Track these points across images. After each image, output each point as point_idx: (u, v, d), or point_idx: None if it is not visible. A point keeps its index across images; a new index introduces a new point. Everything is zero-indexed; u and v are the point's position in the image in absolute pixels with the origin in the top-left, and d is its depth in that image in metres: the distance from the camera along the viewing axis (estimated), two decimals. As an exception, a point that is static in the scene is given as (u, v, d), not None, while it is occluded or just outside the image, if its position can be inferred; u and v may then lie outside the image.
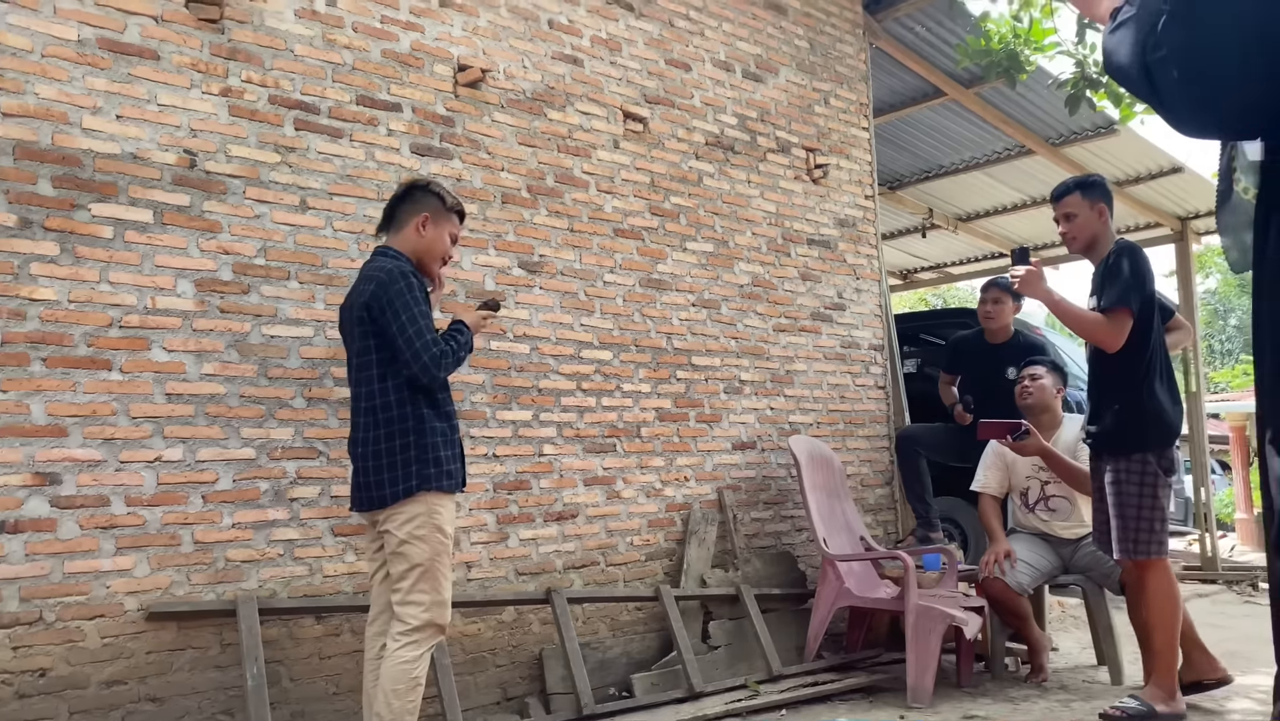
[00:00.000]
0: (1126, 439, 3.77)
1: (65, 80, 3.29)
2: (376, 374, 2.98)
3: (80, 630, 3.16)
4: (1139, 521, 3.74)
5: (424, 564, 2.93)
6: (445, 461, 2.99)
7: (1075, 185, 3.97)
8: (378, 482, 2.96)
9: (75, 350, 3.23)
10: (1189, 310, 9.05)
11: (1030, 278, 3.87)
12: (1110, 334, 3.74)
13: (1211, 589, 7.95)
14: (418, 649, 2.93)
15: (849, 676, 4.60)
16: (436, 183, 3.23)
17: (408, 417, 2.95)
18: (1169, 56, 1.25)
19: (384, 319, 2.94)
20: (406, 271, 3.00)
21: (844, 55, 6.14)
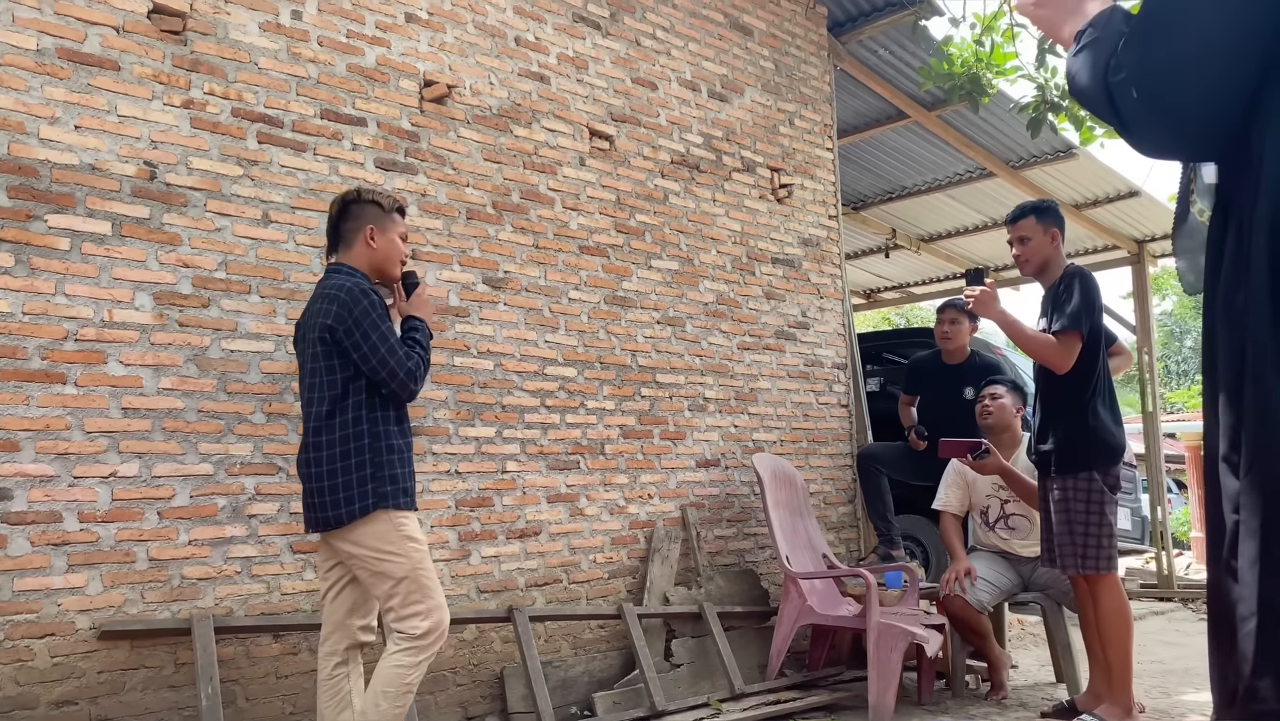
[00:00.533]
0: (1073, 458, 3.86)
1: (23, 89, 3.24)
2: (338, 392, 2.91)
3: (30, 649, 3.09)
4: (1087, 537, 3.83)
5: (408, 575, 2.89)
6: (401, 479, 2.95)
7: (1030, 210, 4.08)
8: (333, 502, 2.88)
9: (29, 363, 3.17)
10: (1145, 331, 9.22)
11: (984, 298, 3.96)
12: (1061, 355, 3.84)
13: (1167, 606, 8.06)
14: (417, 655, 2.89)
15: (811, 694, 4.60)
16: (368, 189, 3.17)
17: (364, 435, 2.90)
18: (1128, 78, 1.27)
19: (350, 340, 2.88)
20: (367, 290, 2.95)
21: (809, 77, 6.21)
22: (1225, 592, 1.30)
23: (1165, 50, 1.24)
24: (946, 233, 9.56)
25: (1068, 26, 1.44)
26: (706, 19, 5.59)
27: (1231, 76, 1.22)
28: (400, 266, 3.16)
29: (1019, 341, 3.99)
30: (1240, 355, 1.26)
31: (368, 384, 2.93)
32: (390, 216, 3.11)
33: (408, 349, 2.98)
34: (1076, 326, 3.82)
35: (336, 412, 2.91)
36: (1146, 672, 5.23)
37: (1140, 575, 9.29)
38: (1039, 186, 8.05)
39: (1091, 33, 1.36)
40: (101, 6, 3.43)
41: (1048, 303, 4.00)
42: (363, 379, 2.92)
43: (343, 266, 3.08)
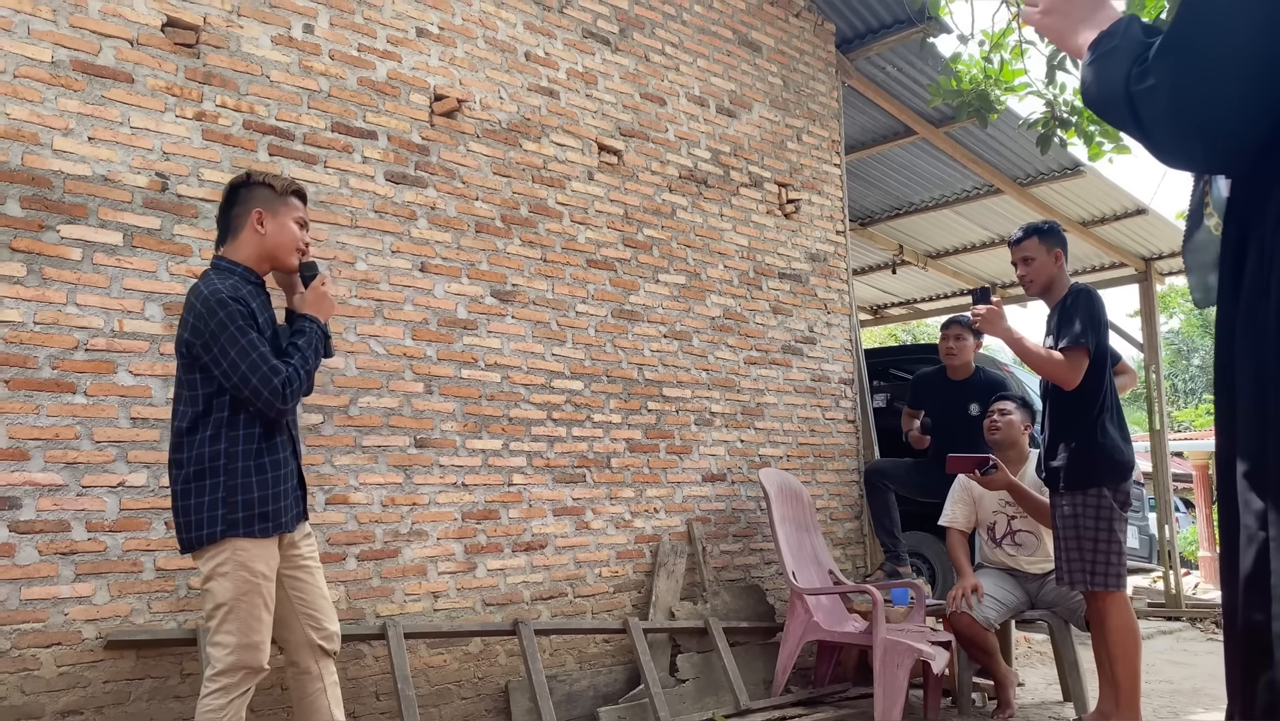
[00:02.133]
0: (1082, 474, 3.88)
1: (37, 101, 3.27)
2: (199, 409, 2.70)
3: (36, 658, 3.09)
4: (1095, 554, 3.83)
5: (228, 602, 2.66)
6: (259, 503, 2.71)
7: (1033, 230, 4.13)
8: (184, 524, 2.70)
9: (39, 373, 3.19)
10: (1152, 349, 9.20)
11: (991, 316, 4.01)
12: (1068, 372, 3.86)
13: (1175, 626, 8.02)
14: (224, 695, 2.65)
15: (817, 710, 4.58)
16: (259, 172, 2.94)
17: (220, 455, 2.68)
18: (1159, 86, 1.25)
19: (209, 355, 2.66)
20: (226, 298, 2.67)
21: (816, 93, 6.23)
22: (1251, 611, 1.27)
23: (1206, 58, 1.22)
24: (953, 249, 9.57)
25: (1078, 36, 1.43)
26: (715, 35, 5.62)
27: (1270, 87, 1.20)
28: (298, 256, 2.89)
29: (1026, 359, 4.01)
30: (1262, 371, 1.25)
31: (232, 400, 2.71)
32: (284, 199, 2.85)
33: (281, 360, 2.74)
34: (1083, 343, 3.85)
35: (197, 429, 2.69)
36: (1155, 692, 5.19)
37: (1148, 594, 9.24)
38: (1046, 204, 8.06)
39: (1109, 41, 1.35)
40: (116, 20, 3.46)
41: (1053, 321, 4.04)
42: (227, 394, 2.70)
43: (221, 261, 2.82)
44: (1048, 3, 1.48)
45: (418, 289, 4.15)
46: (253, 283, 2.84)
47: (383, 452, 3.96)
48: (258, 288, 2.86)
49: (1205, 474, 14.64)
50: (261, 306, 2.84)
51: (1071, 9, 1.45)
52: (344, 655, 3.78)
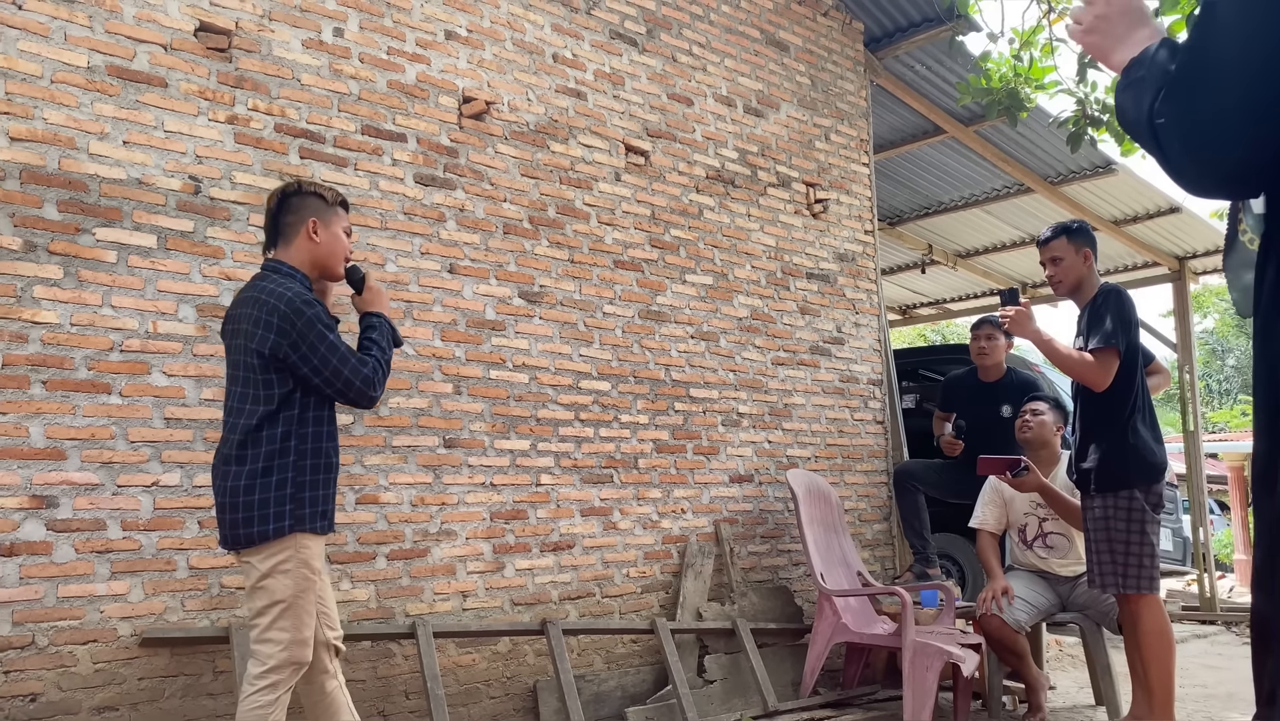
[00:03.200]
0: (1113, 476, 3.85)
1: (74, 106, 3.32)
2: (272, 408, 2.73)
3: (73, 655, 3.14)
4: (1128, 556, 3.81)
5: (287, 600, 2.71)
6: (322, 501, 2.80)
7: (1062, 230, 4.09)
8: (245, 519, 2.71)
9: (76, 373, 3.24)
10: (1186, 349, 9.08)
11: (1020, 318, 3.97)
12: (1099, 373, 3.84)
13: (1210, 629, 7.91)
14: (272, 691, 2.68)
15: (845, 713, 4.56)
16: (309, 181, 3.01)
17: (290, 452, 2.74)
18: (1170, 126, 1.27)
19: (298, 354, 2.72)
20: (308, 299, 2.77)
21: (845, 92, 6.20)
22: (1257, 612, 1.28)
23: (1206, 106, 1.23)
24: (983, 248, 9.49)
25: (1117, 54, 1.44)
26: (743, 35, 5.61)
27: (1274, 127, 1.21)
28: (344, 263, 2.98)
29: (1055, 360, 3.99)
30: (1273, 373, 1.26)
31: (302, 398, 2.77)
32: (334, 209, 2.94)
33: (362, 355, 2.84)
34: (1113, 344, 3.82)
35: (265, 426, 2.73)
36: (1189, 696, 5.13)
37: (1182, 597, 9.12)
38: (1078, 202, 7.98)
39: (1137, 70, 1.36)
40: (150, 25, 3.51)
41: (1083, 322, 4.01)
42: (298, 392, 2.76)
43: (281, 265, 2.88)
44: (1090, 21, 1.49)
45: (446, 290, 4.17)
46: (310, 289, 2.91)
47: (412, 453, 3.99)
48: (319, 301, 2.91)
49: (1240, 475, 14.44)
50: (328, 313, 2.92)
51: (1112, 28, 1.46)
52: (374, 654, 3.81)
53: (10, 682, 3.01)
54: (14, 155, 3.19)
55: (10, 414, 3.10)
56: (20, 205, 3.18)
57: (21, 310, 3.16)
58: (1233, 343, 31.27)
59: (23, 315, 3.16)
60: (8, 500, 3.07)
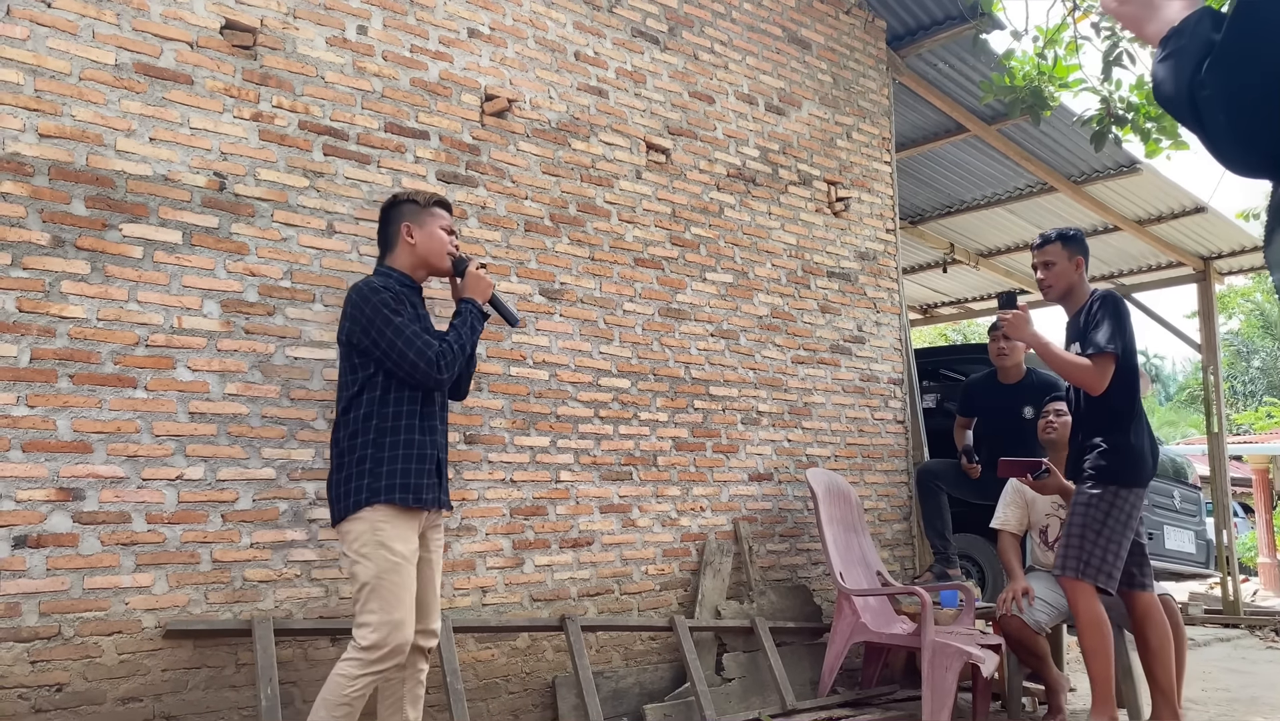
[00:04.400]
0: (1107, 471, 3.90)
1: (101, 103, 3.36)
2: (354, 391, 2.99)
3: (98, 646, 3.17)
4: (1095, 546, 3.84)
5: (370, 581, 2.86)
6: (403, 475, 2.93)
7: (1057, 236, 4.14)
8: (334, 496, 2.98)
9: (102, 368, 3.28)
10: (1210, 350, 9.00)
11: (1018, 321, 4.01)
12: (1096, 377, 3.87)
13: (1233, 633, 7.84)
14: (360, 668, 2.83)
15: (864, 712, 4.56)
16: (403, 191, 3.25)
17: (370, 430, 2.95)
18: (1214, 97, 1.23)
19: (369, 339, 2.95)
20: (377, 286, 3.01)
21: (867, 90, 6.19)
22: None
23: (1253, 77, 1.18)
24: (1005, 248, 9.44)
25: (1152, 25, 1.39)
26: (765, 33, 5.60)
27: None
28: (447, 258, 3.19)
29: (1053, 365, 4.04)
30: None
31: (385, 380, 2.97)
32: (427, 210, 3.16)
33: (430, 339, 3.00)
34: (1110, 349, 3.86)
35: (351, 409, 2.98)
36: (1211, 701, 5.09)
37: (1204, 600, 9.05)
38: (1102, 202, 7.92)
39: (1176, 41, 1.31)
40: (176, 23, 3.54)
41: (1075, 328, 4.05)
42: (380, 375, 2.97)
43: (380, 267, 3.18)
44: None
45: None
46: (408, 286, 3.14)
47: (433, 449, 4.00)
48: (413, 290, 3.16)
49: (1265, 478, 14.30)
50: (416, 306, 3.11)
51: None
52: (394, 648, 3.83)
53: (37, 672, 3.05)
54: (43, 151, 3.22)
55: (38, 407, 3.14)
56: (49, 201, 3.22)
57: (50, 305, 3.19)
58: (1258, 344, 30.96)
59: (50, 310, 3.19)
60: (35, 492, 3.11)
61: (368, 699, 2.94)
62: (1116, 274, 9.66)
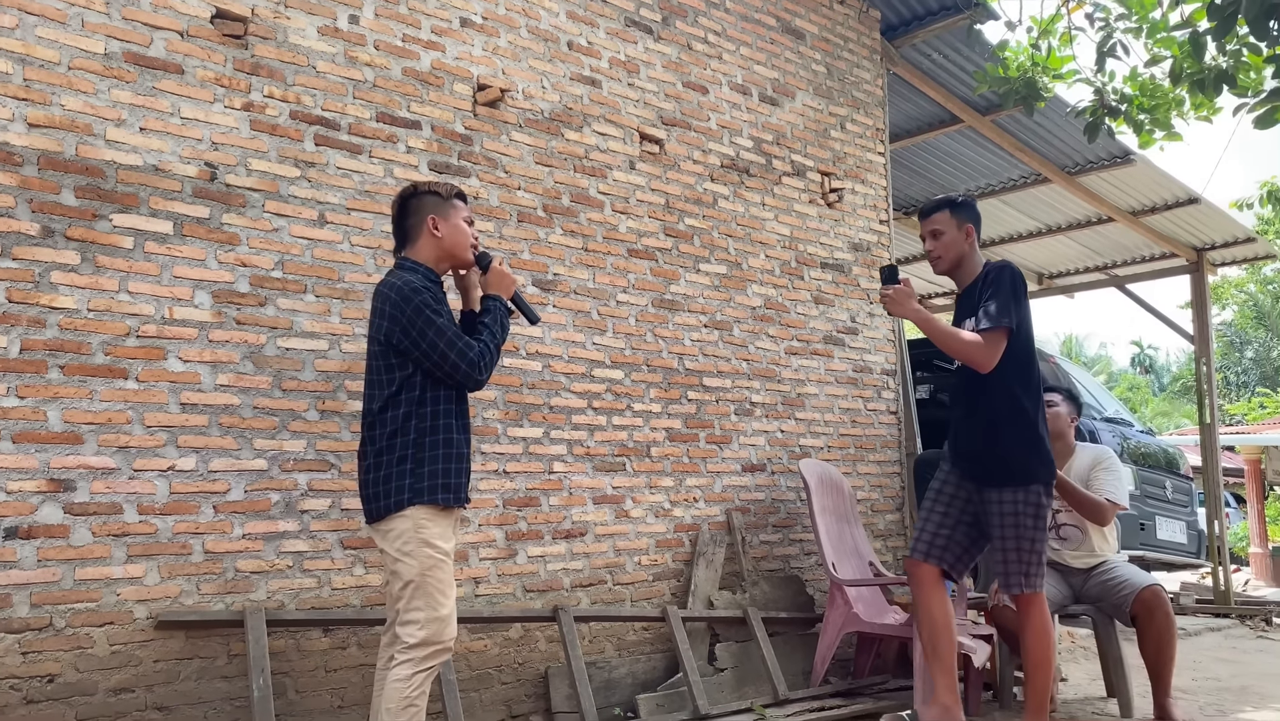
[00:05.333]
0: (1025, 469, 3.64)
1: (91, 92, 3.34)
2: (393, 390, 2.94)
3: (90, 637, 3.17)
4: (1031, 555, 3.61)
5: (414, 579, 2.87)
6: (445, 475, 2.95)
7: (945, 203, 3.87)
8: (373, 495, 2.94)
9: (93, 358, 3.26)
10: (1204, 341, 9.01)
11: (899, 296, 3.70)
12: (985, 354, 3.59)
13: (1224, 623, 7.88)
14: (412, 667, 2.84)
15: (856, 702, 4.57)
16: (423, 182, 3.19)
17: (411, 430, 2.92)
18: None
19: (409, 339, 2.91)
20: (418, 287, 2.96)
21: (861, 80, 6.17)
22: None
23: None
24: (999, 239, 9.43)
25: None
26: (758, 23, 5.58)
27: None
28: (471, 251, 3.16)
29: (938, 340, 3.71)
30: None
31: (423, 379, 2.95)
32: (450, 203, 3.12)
33: (470, 339, 2.98)
34: (1004, 323, 3.58)
35: (389, 408, 2.94)
36: (1202, 690, 5.12)
37: (1196, 590, 9.09)
38: (1095, 193, 7.92)
39: None
40: (167, 11, 3.52)
41: (968, 302, 3.77)
42: (418, 375, 2.94)
43: (405, 261, 3.09)
44: None
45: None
46: (433, 281, 3.08)
47: (425, 440, 3.99)
48: (437, 286, 3.09)
49: (1257, 468, 14.35)
50: (442, 301, 3.06)
51: None
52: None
53: (29, 663, 3.05)
54: (32, 141, 3.21)
55: (29, 398, 3.13)
56: (38, 191, 3.20)
57: (40, 295, 3.18)
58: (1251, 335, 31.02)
59: (40, 300, 3.18)
60: (26, 483, 3.10)
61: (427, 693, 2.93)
62: (1110, 265, 9.67)
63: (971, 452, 3.76)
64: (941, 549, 3.79)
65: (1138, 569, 4.66)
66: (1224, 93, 5.04)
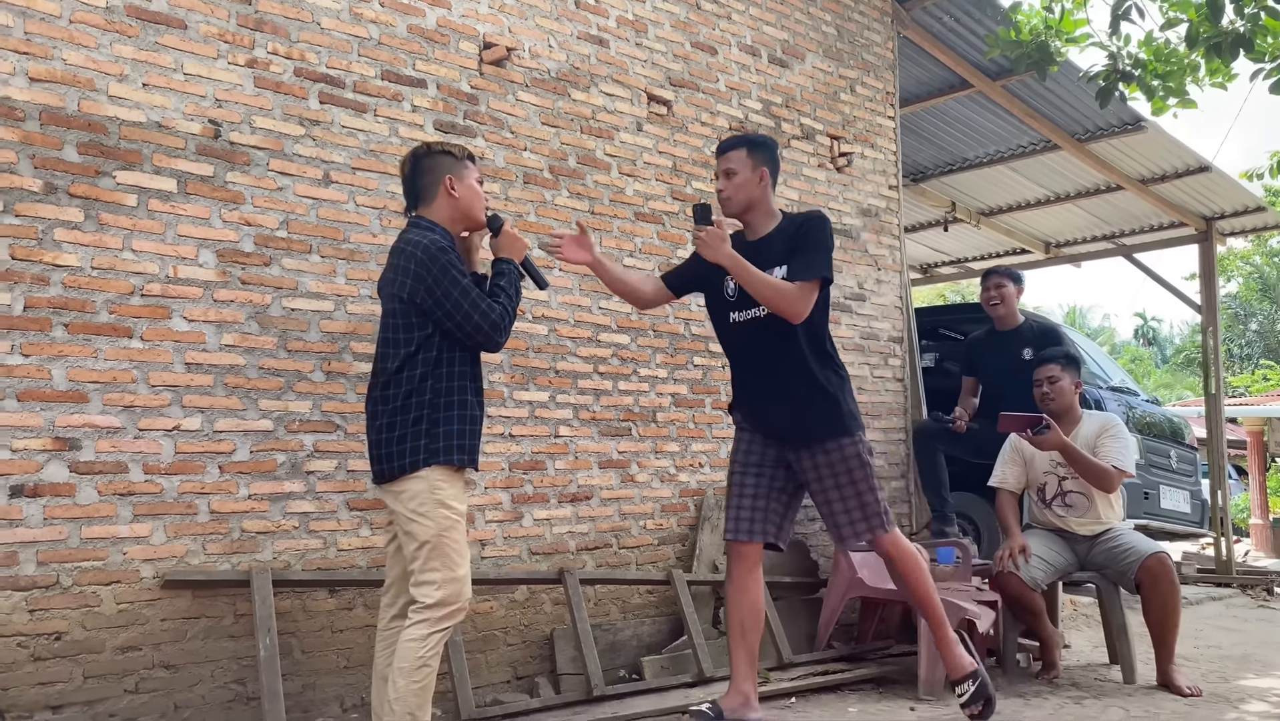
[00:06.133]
0: (850, 417, 3.53)
1: (93, 47, 3.29)
2: (411, 350, 2.92)
3: (96, 595, 3.17)
4: (871, 496, 3.53)
5: (430, 540, 2.87)
6: (459, 436, 2.94)
7: (743, 141, 3.64)
8: (387, 455, 2.92)
9: (97, 317, 3.24)
10: (1211, 312, 8.96)
11: (712, 239, 3.43)
12: (799, 304, 3.41)
13: (1225, 592, 7.90)
14: (427, 628, 2.85)
15: (859, 667, 4.59)
16: (435, 142, 3.16)
17: (427, 391, 2.91)
18: None
19: (433, 299, 2.89)
20: (444, 246, 2.94)
21: (871, 43, 6.10)
22: None
23: None
24: (1007, 206, 9.37)
25: None
26: (768, -17, 5.50)
27: None
28: (484, 211, 3.15)
29: (751, 287, 3.44)
30: None
31: (441, 340, 2.93)
32: (464, 163, 3.10)
33: (491, 300, 2.98)
34: (822, 274, 3.43)
35: (405, 368, 2.92)
36: (1204, 657, 5.14)
37: (1198, 560, 9.11)
38: (1105, 160, 7.84)
39: None
40: (169, -35, 3.46)
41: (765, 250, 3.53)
42: (437, 335, 2.93)
43: (421, 220, 3.05)
44: None
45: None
46: (450, 242, 3.03)
47: (431, 402, 3.98)
48: (454, 247, 3.05)
49: (1259, 440, 14.35)
50: (462, 262, 3.03)
51: None
52: (392, 600, 3.84)
53: (36, 621, 3.05)
54: (33, 96, 3.16)
55: (33, 356, 3.11)
56: (40, 146, 3.16)
57: (43, 253, 3.15)
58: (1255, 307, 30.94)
59: (44, 258, 3.15)
60: (31, 441, 3.09)
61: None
62: (1118, 234, 9.60)
63: (779, 414, 3.58)
64: (762, 522, 3.62)
65: (1143, 536, 4.65)
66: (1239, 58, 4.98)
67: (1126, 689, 4.38)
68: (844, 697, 4.18)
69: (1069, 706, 4.03)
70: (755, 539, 3.62)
